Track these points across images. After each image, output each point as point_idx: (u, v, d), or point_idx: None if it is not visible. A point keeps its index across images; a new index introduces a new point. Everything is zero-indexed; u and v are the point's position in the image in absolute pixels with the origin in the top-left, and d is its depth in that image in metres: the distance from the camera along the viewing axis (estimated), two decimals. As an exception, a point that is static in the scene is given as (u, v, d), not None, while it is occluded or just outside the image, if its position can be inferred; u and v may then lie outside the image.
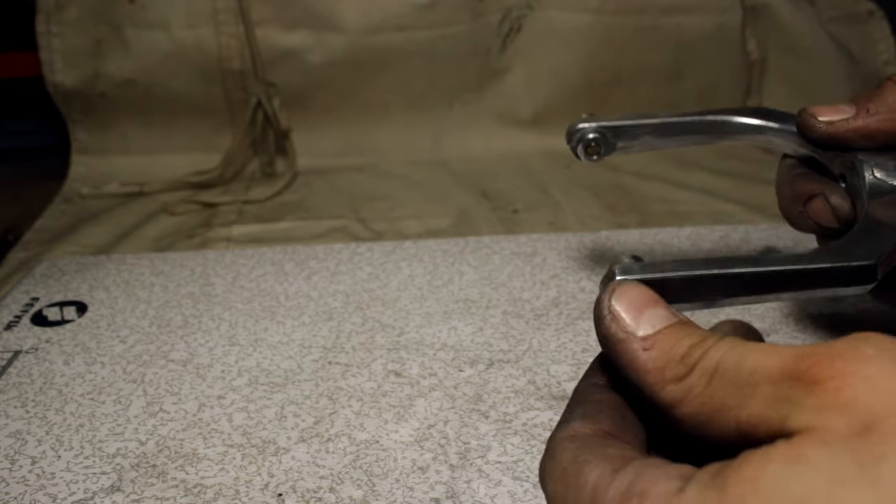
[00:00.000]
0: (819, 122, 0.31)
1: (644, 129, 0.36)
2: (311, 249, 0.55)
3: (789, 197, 0.34)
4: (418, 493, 0.33)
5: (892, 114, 0.30)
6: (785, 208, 0.34)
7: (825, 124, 0.31)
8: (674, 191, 0.70)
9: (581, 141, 0.36)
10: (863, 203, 0.29)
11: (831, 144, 0.31)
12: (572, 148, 0.36)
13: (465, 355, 0.42)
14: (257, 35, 0.74)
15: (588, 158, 0.36)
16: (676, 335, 0.20)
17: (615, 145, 0.36)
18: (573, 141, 0.36)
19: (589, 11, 0.78)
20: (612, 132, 0.36)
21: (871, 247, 0.25)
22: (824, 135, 0.31)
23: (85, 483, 0.34)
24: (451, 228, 0.64)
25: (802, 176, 0.33)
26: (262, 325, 0.46)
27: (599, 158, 0.36)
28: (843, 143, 0.31)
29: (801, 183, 0.33)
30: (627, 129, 0.36)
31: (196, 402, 0.39)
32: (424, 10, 0.76)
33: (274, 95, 0.75)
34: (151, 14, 0.73)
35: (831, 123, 0.31)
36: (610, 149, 0.36)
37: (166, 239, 0.63)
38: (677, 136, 0.36)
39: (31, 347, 0.44)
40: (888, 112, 0.30)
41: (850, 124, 0.30)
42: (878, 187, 0.29)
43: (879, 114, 0.30)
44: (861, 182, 0.30)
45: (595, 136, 0.35)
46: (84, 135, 0.77)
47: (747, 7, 0.79)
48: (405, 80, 0.78)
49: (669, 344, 0.20)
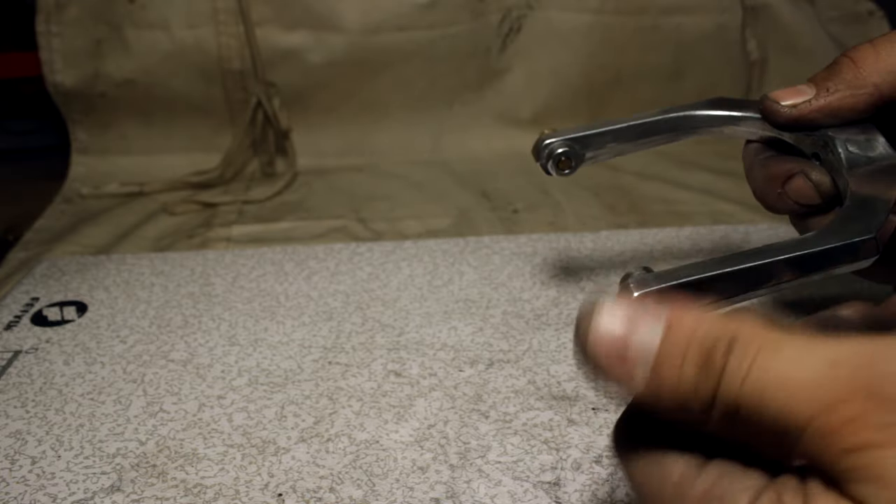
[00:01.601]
0: (783, 107, 0.32)
1: (609, 135, 0.36)
2: (311, 249, 0.55)
3: (764, 179, 0.34)
4: (418, 493, 0.33)
5: (851, 89, 0.30)
6: (760, 191, 0.34)
7: (789, 108, 0.32)
8: (674, 191, 0.70)
9: (551, 157, 0.35)
10: (842, 178, 0.30)
11: (797, 126, 0.32)
12: (542, 165, 0.36)
13: (465, 355, 0.42)
14: (257, 35, 0.74)
15: (560, 173, 0.35)
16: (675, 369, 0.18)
17: (584, 156, 0.36)
18: (542, 158, 0.36)
19: (589, 11, 0.78)
20: (579, 143, 0.35)
21: (866, 221, 0.26)
22: (790, 118, 0.32)
23: (85, 483, 0.34)
24: (451, 228, 0.64)
25: (775, 158, 0.34)
26: (262, 325, 0.46)
27: (571, 172, 0.36)
28: (808, 123, 0.31)
29: (776, 164, 0.33)
30: (593, 137, 0.36)
31: (196, 402, 0.39)
32: (424, 10, 0.76)
33: (274, 95, 0.75)
34: (151, 14, 0.73)
35: (795, 106, 0.31)
36: (580, 160, 0.36)
37: (166, 239, 0.63)
38: (643, 138, 0.36)
39: (31, 347, 0.44)
40: (847, 88, 0.30)
41: (812, 105, 0.31)
42: (855, 161, 0.29)
43: (839, 91, 0.30)
44: (837, 158, 0.30)
45: (564, 149, 0.35)
46: (84, 135, 0.77)
47: (747, 7, 0.79)
48: (405, 80, 0.78)
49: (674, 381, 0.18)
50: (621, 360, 0.18)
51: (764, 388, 0.17)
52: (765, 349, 0.18)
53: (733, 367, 0.18)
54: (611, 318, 0.19)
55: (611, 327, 0.18)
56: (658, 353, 0.18)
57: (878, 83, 0.30)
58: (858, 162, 0.29)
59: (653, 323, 0.18)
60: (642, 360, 0.18)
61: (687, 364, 0.18)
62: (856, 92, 0.30)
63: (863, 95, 0.30)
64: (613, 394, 0.19)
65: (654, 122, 0.36)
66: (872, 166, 0.29)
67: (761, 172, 0.34)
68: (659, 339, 0.18)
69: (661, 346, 0.18)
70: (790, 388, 0.17)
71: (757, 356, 0.17)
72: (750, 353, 0.18)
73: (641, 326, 0.18)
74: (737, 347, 0.18)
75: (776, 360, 0.17)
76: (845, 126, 0.31)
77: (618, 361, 0.18)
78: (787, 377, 0.17)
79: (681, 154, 0.76)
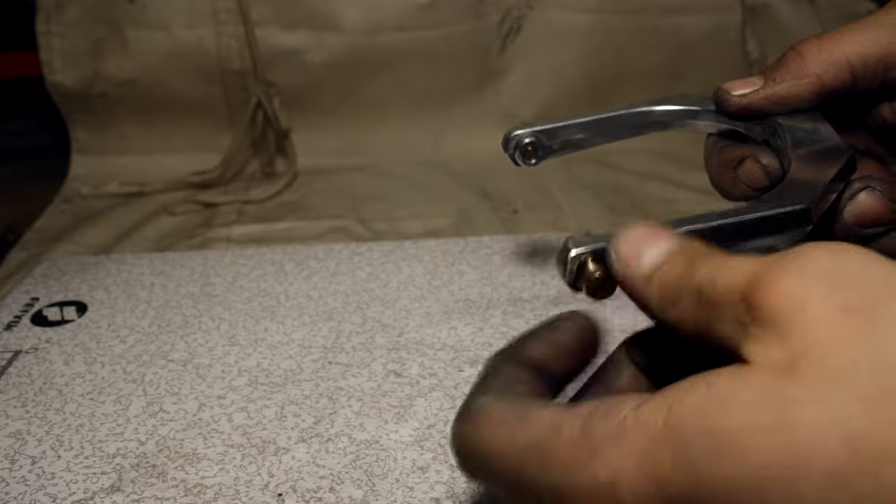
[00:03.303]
0: (733, 96, 0.34)
1: (575, 128, 0.37)
2: (311, 249, 0.55)
3: (718, 166, 0.35)
4: (418, 493, 0.33)
5: (796, 79, 0.32)
6: (716, 178, 0.36)
7: (739, 97, 0.33)
8: (674, 191, 0.70)
9: (518, 147, 0.37)
10: (788, 161, 0.31)
11: (747, 115, 0.34)
12: (510, 155, 0.37)
13: (465, 355, 0.42)
14: (257, 35, 0.74)
15: (526, 163, 0.37)
16: (672, 263, 0.21)
17: (551, 148, 0.37)
18: (510, 148, 0.37)
19: (589, 11, 0.78)
20: (545, 135, 0.37)
21: (803, 192, 0.27)
22: (739, 106, 0.34)
23: (85, 483, 0.34)
24: (451, 228, 0.64)
25: (729, 146, 0.35)
26: (262, 325, 0.46)
27: (538, 162, 0.37)
28: (757, 111, 0.33)
29: (729, 151, 0.35)
30: (560, 130, 0.37)
31: (196, 402, 0.39)
32: (424, 10, 0.76)
33: (274, 95, 0.74)
34: (151, 14, 0.73)
35: (744, 95, 0.33)
36: (547, 151, 0.37)
37: (166, 239, 0.63)
38: (609, 131, 0.38)
39: (31, 347, 0.44)
40: (792, 78, 0.32)
41: (760, 94, 0.33)
42: (801, 145, 0.31)
43: (785, 81, 0.32)
44: (784, 143, 0.32)
45: (531, 139, 0.37)
46: (84, 135, 0.77)
47: (747, 7, 0.79)
48: (405, 80, 0.78)
49: (666, 274, 0.21)
50: (637, 254, 0.22)
51: (719, 269, 0.19)
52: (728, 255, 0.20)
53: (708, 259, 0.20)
54: (639, 227, 0.23)
55: (637, 231, 0.22)
56: (662, 257, 0.21)
57: (819, 73, 0.32)
58: (804, 145, 0.31)
59: (665, 240, 0.22)
60: (650, 259, 0.22)
61: (677, 264, 0.21)
62: (799, 81, 0.32)
63: (806, 85, 0.32)
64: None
65: (618, 116, 0.38)
66: (814, 147, 0.31)
67: (716, 159, 0.36)
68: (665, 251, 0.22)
69: (664, 254, 0.21)
70: (739, 263, 0.19)
71: (724, 255, 0.20)
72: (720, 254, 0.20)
73: (657, 239, 0.22)
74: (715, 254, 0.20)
75: (737, 258, 0.20)
76: (793, 114, 0.33)
77: (634, 255, 0.22)
78: (739, 263, 0.19)
79: (681, 154, 0.76)
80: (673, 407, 0.18)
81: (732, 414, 0.17)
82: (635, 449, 0.18)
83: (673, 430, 0.17)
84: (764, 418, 0.16)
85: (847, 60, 0.31)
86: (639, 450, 0.18)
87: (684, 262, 0.21)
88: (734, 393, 0.17)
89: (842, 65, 0.31)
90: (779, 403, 0.16)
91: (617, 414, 0.19)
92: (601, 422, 0.19)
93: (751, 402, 0.17)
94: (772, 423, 0.16)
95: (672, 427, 0.17)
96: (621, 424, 0.18)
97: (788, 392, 0.16)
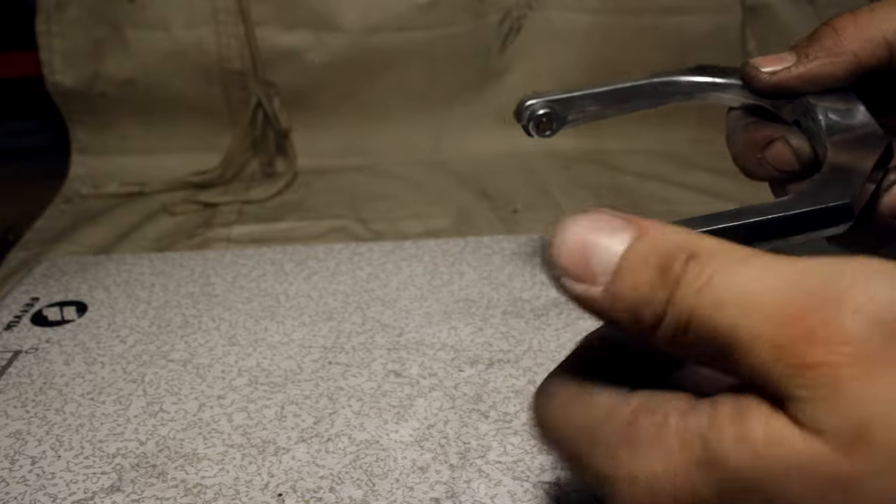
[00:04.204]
0: (763, 73, 0.32)
1: (592, 98, 0.36)
2: (311, 249, 0.55)
3: (744, 144, 0.33)
4: (418, 493, 0.33)
5: (831, 57, 0.30)
6: (740, 156, 0.34)
7: (769, 74, 0.31)
8: (674, 191, 0.70)
9: (532, 118, 0.35)
10: (822, 145, 0.29)
11: (777, 93, 0.32)
12: (524, 126, 0.36)
13: (465, 355, 0.42)
14: (257, 35, 0.74)
15: (540, 135, 0.35)
16: (635, 274, 0.18)
17: (566, 118, 0.36)
18: (524, 119, 0.36)
19: (589, 11, 0.78)
20: (560, 105, 0.35)
21: (842, 186, 0.25)
22: (769, 84, 0.32)
23: (85, 483, 0.34)
24: (451, 228, 0.64)
25: (756, 123, 0.33)
26: (262, 325, 0.46)
27: (552, 134, 0.36)
28: (788, 90, 0.31)
29: (757, 130, 0.33)
30: (575, 100, 0.35)
31: (196, 402, 0.39)
32: (424, 10, 0.76)
33: (274, 95, 0.75)
34: (151, 14, 0.73)
35: (774, 73, 0.31)
36: (561, 123, 0.36)
37: (166, 239, 0.63)
38: (626, 102, 0.36)
39: (31, 347, 0.44)
40: (827, 55, 0.30)
41: (792, 72, 0.31)
42: (835, 129, 0.29)
43: (819, 58, 0.30)
44: (817, 125, 0.30)
45: (545, 111, 0.35)
46: (84, 135, 0.77)
47: (747, 7, 0.79)
48: (405, 80, 0.78)
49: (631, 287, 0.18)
50: (584, 264, 0.18)
51: (720, 299, 0.17)
52: (726, 264, 0.17)
53: (692, 276, 0.17)
54: (576, 225, 0.19)
55: (577, 232, 0.18)
56: (621, 258, 0.18)
57: (856, 51, 0.30)
58: (838, 129, 0.29)
59: (620, 231, 0.18)
60: (604, 266, 0.18)
61: (646, 270, 0.18)
62: (835, 59, 0.30)
63: (842, 63, 0.30)
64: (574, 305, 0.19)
65: (638, 86, 0.36)
66: (851, 134, 0.29)
67: (742, 137, 0.34)
68: (624, 247, 0.18)
69: (624, 252, 0.18)
70: (747, 300, 0.16)
71: (717, 269, 0.17)
72: (711, 266, 0.17)
73: (607, 234, 0.18)
74: (698, 258, 0.17)
75: (736, 273, 0.17)
76: (826, 94, 0.31)
77: (581, 266, 0.18)
78: (744, 290, 0.17)
79: (681, 154, 0.76)
80: (721, 438, 0.17)
81: (792, 483, 0.16)
82: (677, 461, 0.17)
83: (718, 461, 0.16)
84: (828, 495, 0.15)
85: (884, 38, 0.29)
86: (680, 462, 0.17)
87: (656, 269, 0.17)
88: (791, 457, 0.16)
89: (879, 42, 0.29)
90: (842, 481, 0.15)
91: (664, 416, 0.18)
92: (647, 419, 0.18)
93: (810, 476, 0.15)
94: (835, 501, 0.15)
95: (718, 458, 0.16)
96: (664, 430, 0.18)
97: (853, 467, 0.15)
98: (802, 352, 0.16)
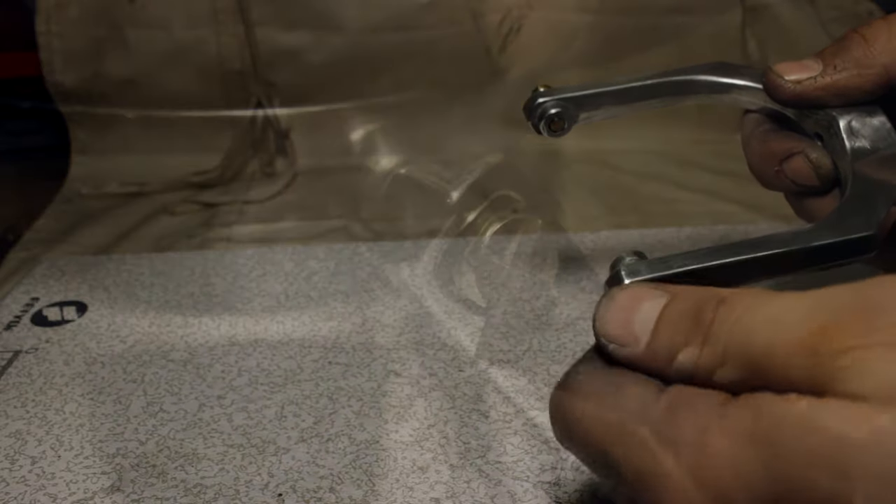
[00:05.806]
0: (786, 82, 0.30)
1: (606, 96, 0.34)
2: (311, 249, 0.55)
3: (762, 155, 0.32)
4: (418, 493, 0.33)
5: (860, 68, 0.28)
6: (757, 166, 0.33)
7: (793, 83, 0.30)
8: (674, 191, 0.69)
9: (543, 117, 0.33)
10: (843, 161, 0.28)
11: (800, 103, 0.30)
12: (534, 125, 0.34)
13: (465, 355, 0.42)
14: (257, 35, 0.74)
15: (552, 135, 0.33)
16: (670, 327, 0.20)
17: (577, 117, 0.34)
18: (534, 117, 0.34)
19: (589, 11, 0.78)
20: (573, 103, 0.33)
21: (867, 215, 0.25)
22: (792, 94, 0.30)
23: (85, 483, 0.34)
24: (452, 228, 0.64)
25: (775, 133, 0.32)
26: (262, 325, 0.46)
27: (563, 134, 0.34)
28: (812, 101, 0.30)
29: (776, 141, 0.32)
30: (589, 98, 0.34)
31: (196, 402, 0.39)
32: (424, 10, 0.75)
33: (274, 95, 0.74)
34: (151, 14, 0.73)
35: (799, 82, 0.30)
36: (573, 122, 0.34)
37: (166, 239, 0.63)
38: (641, 100, 0.34)
39: (31, 347, 0.44)
40: (856, 67, 0.28)
41: (818, 82, 0.29)
42: (858, 146, 0.28)
43: (847, 69, 0.29)
44: (840, 141, 0.29)
45: (558, 110, 0.33)
46: (84, 135, 0.77)
47: (747, 7, 0.79)
48: (405, 80, 0.78)
49: (668, 339, 0.20)
50: (628, 331, 0.20)
51: (752, 327, 0.18)
52: (755, 301, 0.19)
53: (723, 316, 0.19)
54: (618, 298, 0.21)
55: (619, 305, 0.21)
56: (657, 319, 0.20)
57: (887, 64, 0.28)
58: (862, 147, 0.28)
59: (655, 298, 0.21)
60: (644, 328, 0.20)
61: (680, 321, 0.20)
62: (863, 71, 0.28)
63: (871, 76, 0.28)
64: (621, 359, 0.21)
65: (655, 84, 0.34)
66: (877, 155, 0.28)
67: (760, 147, 0.32)
68: (659, 310, 0.20)
69: (660, 313, 0.20)
70: (779, 320, 0.18)
71: (747, 306, 0.19)
72: (741, 305, 0.19)
73: (644, 301, 0.21)
74: (728, 301, 0.19)
75: (765, 305, 0.18)
76: (850, 107, 0.29)
77: (625, 333, 0.21)
78: (775, 317, 0.18)
79: (681, 154, 0.76)
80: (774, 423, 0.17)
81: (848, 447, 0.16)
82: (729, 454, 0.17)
83: (767, 440, 0.17)
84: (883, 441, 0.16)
85: None
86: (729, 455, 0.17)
87: (690, 320, 0.19)
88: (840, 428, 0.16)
89: None
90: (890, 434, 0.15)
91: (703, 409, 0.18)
92: (685, 414, 0.18)
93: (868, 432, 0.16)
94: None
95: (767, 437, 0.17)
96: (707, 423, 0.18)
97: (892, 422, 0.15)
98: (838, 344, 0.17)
